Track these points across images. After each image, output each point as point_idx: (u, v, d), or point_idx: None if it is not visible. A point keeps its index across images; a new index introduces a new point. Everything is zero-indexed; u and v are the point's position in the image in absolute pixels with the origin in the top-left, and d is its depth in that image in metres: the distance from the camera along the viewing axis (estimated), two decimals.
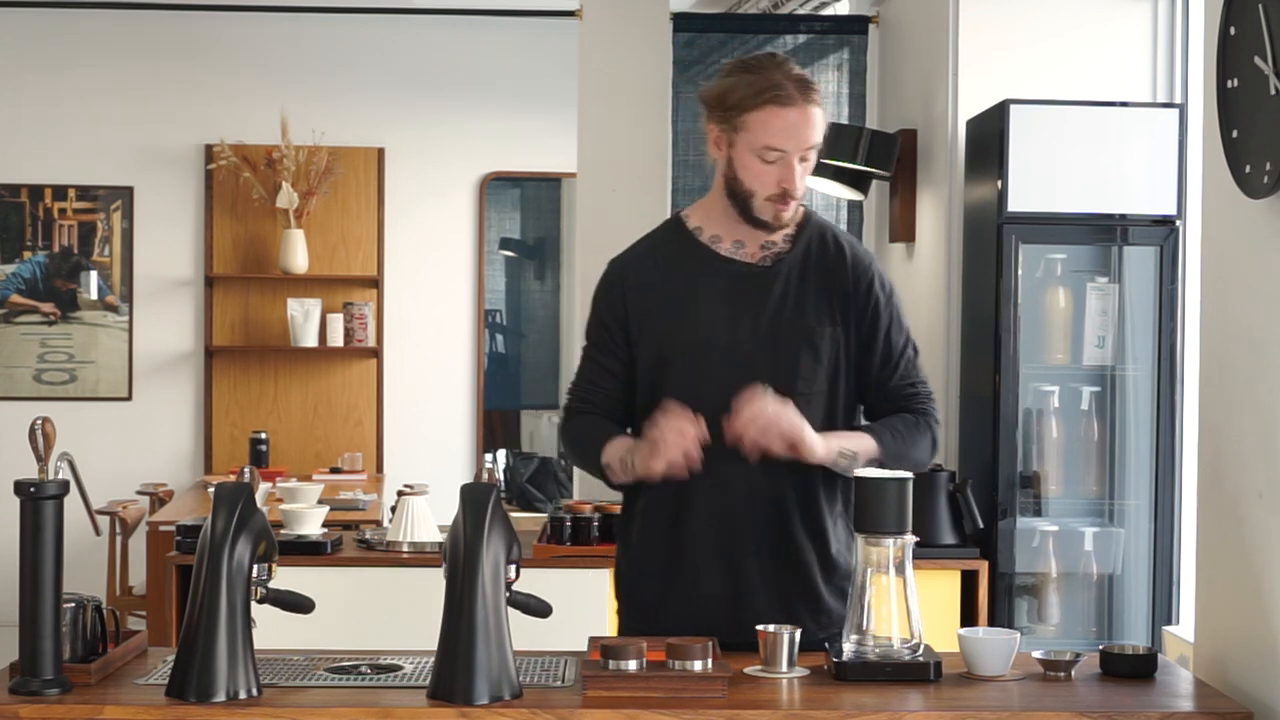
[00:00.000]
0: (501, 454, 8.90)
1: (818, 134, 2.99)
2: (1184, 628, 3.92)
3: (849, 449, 3.01)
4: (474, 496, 2.68)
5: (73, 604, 2.74)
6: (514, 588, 2.70)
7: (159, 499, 7.06)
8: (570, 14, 6.03)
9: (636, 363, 3.11)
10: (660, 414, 2.94)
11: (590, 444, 3.10)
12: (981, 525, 4.49)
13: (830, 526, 3.07)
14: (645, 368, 3.10)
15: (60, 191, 8.34)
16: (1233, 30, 2.80)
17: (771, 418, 2.90)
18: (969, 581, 4.51)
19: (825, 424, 3.05)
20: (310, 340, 8.27)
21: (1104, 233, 4.61)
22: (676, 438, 2.90)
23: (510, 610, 2.68)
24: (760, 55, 3.08)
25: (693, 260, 3.09)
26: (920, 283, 5.35)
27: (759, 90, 2.95)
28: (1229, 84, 2.83)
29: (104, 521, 6.52)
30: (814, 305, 3.06)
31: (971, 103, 4.91)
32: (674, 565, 3.07)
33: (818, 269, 3.08)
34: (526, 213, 9.06)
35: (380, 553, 4.47)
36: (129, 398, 8.36)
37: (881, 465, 2.99)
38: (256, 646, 2.65)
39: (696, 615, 3.01)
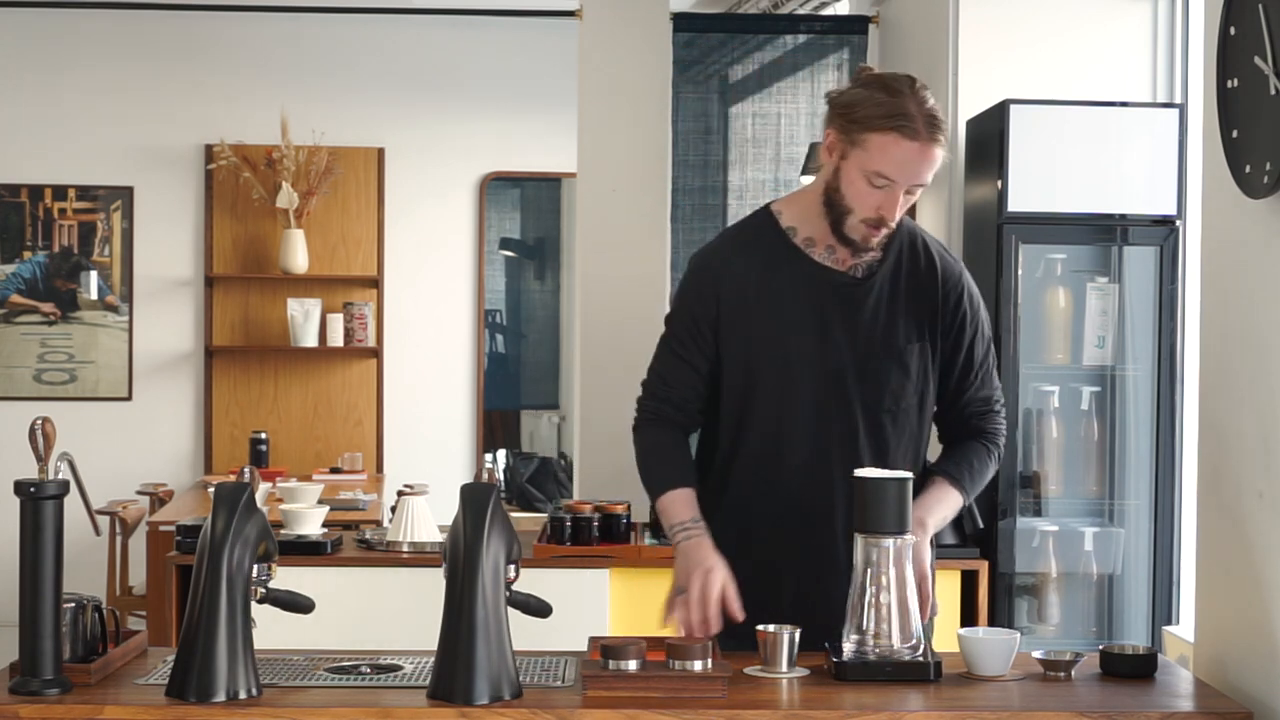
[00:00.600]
0: (501, 454, 8.90)
1: (931, 173, 2.91)
2: (1184, 628, 3.92)
3: (947, 517, 3.09)
4: (474, 496, 2.68)
5: (73, 604, 2.74)
6: (514, 588, 2.70)
7: (159, 499, 7.06)
8: (570, 14, 6.03)
9: (722, 362, 3.06)
10: (702, 574, 2.92)
11: (653, 476, 3.06)
12: (982, 525, 4.49)
13: None
14: (732, 371, 3.06)
15: (60, 191, 8.34)
16: (1233, 30, 2.80)
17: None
18: (969, 581, 4.51)
19: (915, 436, 3.07)
20: (310, 340, 8.27)
21: (1104, 233, 4.61)
22: (699, 614, 2.90)
23: (510, 610, 2.68)
24: (900, 77, 2.94)
25: (787, 264, 3.04)
26: None
27: (888, 114, 2.86)
28: (1229, 84, 2.83)
29: (104, 521, 6.52)
30: (905, 321, 3.04)
31: (971, 103, 4.91)
32: (747, 579, 2.99)
33: (909, 282, 3.05)
34: (526, 213, 9.06)
35: (380, 553, 4.47)
36: (129, 398, 8.36)
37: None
38: (256, 646, 2.65)
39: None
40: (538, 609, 2.78)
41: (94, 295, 8.35)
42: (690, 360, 3.06)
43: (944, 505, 3.06)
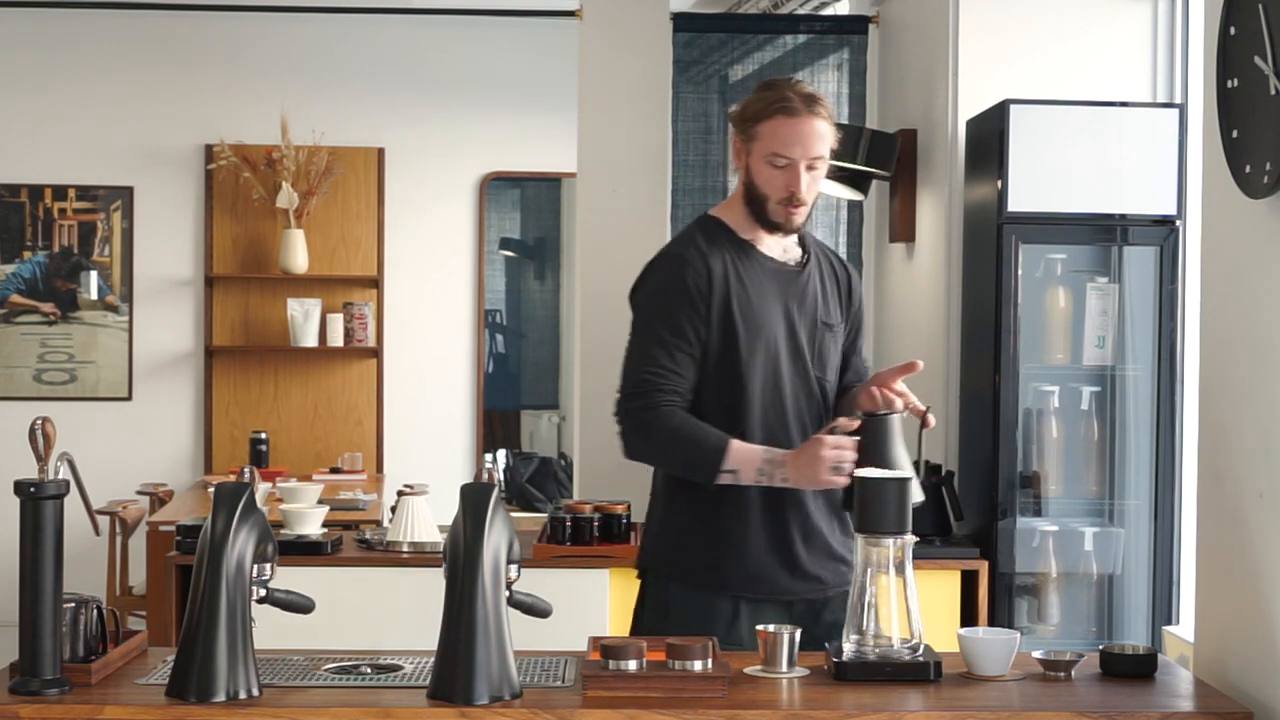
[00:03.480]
0: (501, 454, 8.90)
1: (823, 145, 3.27)
2: (1184, 628, 3.92)
3: None
4: (474, 496, 2.68)
5: (73, 604, 2.74)
6: (514, 588, 2.70)
7: (159, 499, 7.06)
8: (570, 14, 6.03)
9: (713, 349, 3.26)
10: (817, 434, 3.20)
11: (705, 446, 3.20)
12: (961, 518, 4.54)
13: None
14: (725, 356, 3.26)
15: (60, 191, 8.33)
16: (1233, 30, 2.81)
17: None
18: (969, 581, 4.51)
19: (835, 405, 3.38)
20: (310, 340, 8.27)
21: (1104, 233, 4.61)
22: (840, 454, 3.12)
23: (510, 610, 2.68)
24: (778, 78, 3.45)
25: (747, 257, 3.33)
26: (920, 283, 5.35)
27: (770, 103, 3.25)
28: (1229, 84, 2.83)
29: (104, 521, 6.52)
30: (832, 303, 3.41)
31: (971, 103, 4.91)
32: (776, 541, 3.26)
33: (829, 274, 3.43)
34: (526, 213, 9.05)
35: (380, 553, 4.47)
36: (129, 398, 8.36)
37: None
38: (256, 646, 2.66)
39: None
40: (538, 609, 2.78)
41: (94, 295, 8.34)
42: (688, 350, 3.26)
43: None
